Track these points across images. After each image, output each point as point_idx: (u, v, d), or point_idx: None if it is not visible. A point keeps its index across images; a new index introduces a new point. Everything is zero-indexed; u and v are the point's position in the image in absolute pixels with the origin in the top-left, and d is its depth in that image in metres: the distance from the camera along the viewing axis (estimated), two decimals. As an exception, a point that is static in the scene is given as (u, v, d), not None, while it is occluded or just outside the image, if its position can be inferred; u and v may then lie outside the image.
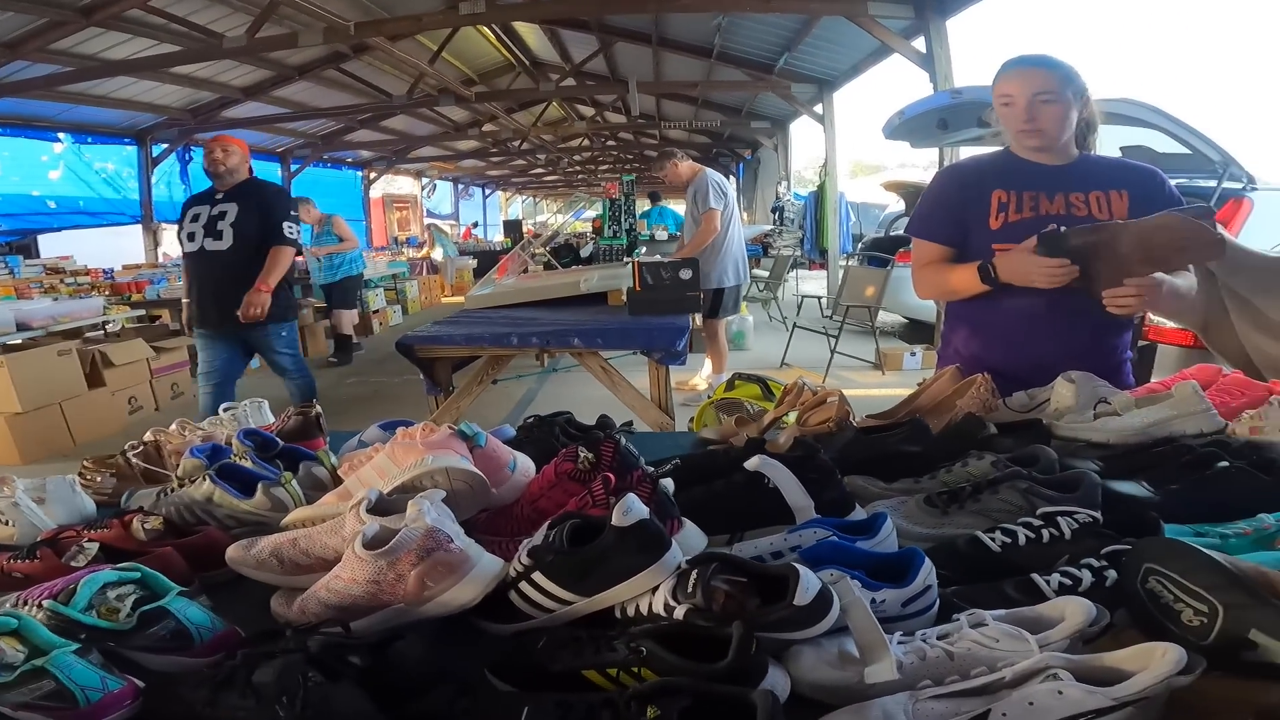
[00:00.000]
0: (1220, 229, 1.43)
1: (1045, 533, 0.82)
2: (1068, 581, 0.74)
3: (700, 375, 5.09)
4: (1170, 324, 2.65)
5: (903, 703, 0.60)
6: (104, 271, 7.14)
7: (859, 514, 0.95)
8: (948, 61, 5.18)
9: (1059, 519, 0.83)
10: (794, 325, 5.94)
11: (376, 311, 8.25)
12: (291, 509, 1.05)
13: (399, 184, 16.53)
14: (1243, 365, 2.57)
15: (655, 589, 0.72)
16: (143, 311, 6.25)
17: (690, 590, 0.68)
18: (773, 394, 2.60)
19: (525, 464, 1.07)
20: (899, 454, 1.13)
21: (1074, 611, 0.63)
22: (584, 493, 0.92)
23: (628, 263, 4.71)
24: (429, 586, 0.76)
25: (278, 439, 1.25)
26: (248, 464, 1.14)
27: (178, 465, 1.35)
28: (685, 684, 0.60)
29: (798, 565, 0.67)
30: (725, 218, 4.56)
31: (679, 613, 0.68)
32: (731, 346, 6.45)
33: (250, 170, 3.51)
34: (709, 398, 3.00)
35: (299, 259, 7.02)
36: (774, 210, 10.80)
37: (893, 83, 7.02)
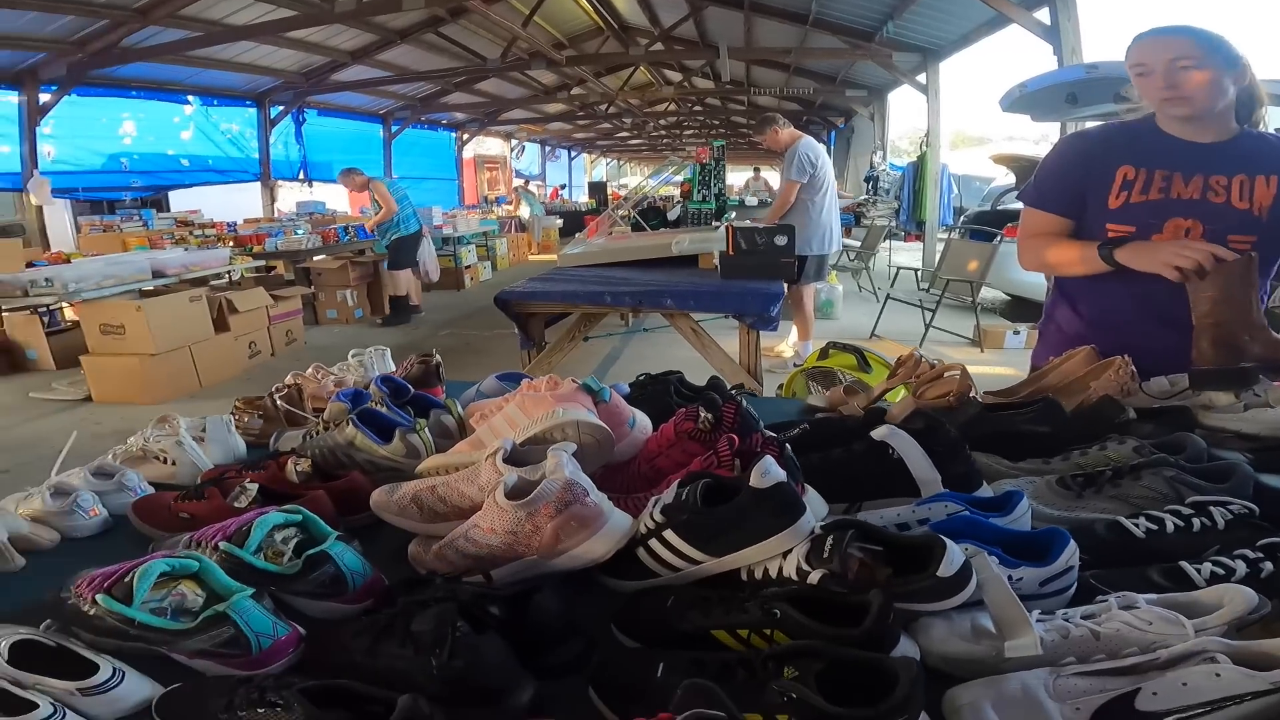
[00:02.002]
0: None
1: (1196, 522, 0.79)
2: (1220, 571, 0.71)
3: (786, 343, 5.04)
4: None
5: (1043, 677, 0.59)
6: (227, 225, 7.67)
7: (985, 491, 0.93)
8: (1076, 34, 4.83)
9: (1211, 509, 0.79)
10: (886, 296, 5.73)
11: (468, 267, 8.54)
12: (424, 456, 1.08)
13: (489, 145, 16.86)
14: None
15: (787, 553, 0.73)
16: (262, 262, 6.68)
17: (826, 556, 0.68)
18: (869, 365, 2.53)
19: (644, 421, 1.09)
20: (1027, 433, 1.09)
21: (1234, 599, 0.61)
22: (707, 453, 0.93)
23: (718, 226, 4.67)
24: (563, 540, 0.76)
25: (409, 386, 1.31)
26: (384, 410, 1.18)
27: (312, 409, 1.45)
28: (822, 647, 0.59)
29: (943, 537, 0.67)
30: (814, 188, 4.53)
31: (813, 578, 0.68)
32: (819, 315, 6.34)
33: None
34: (797, 365, 2.95)
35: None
36: (867, 180, 10.39)
37: (1004, 54, 6.60)
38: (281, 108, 8.82)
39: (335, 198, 9.97)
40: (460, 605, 0.67)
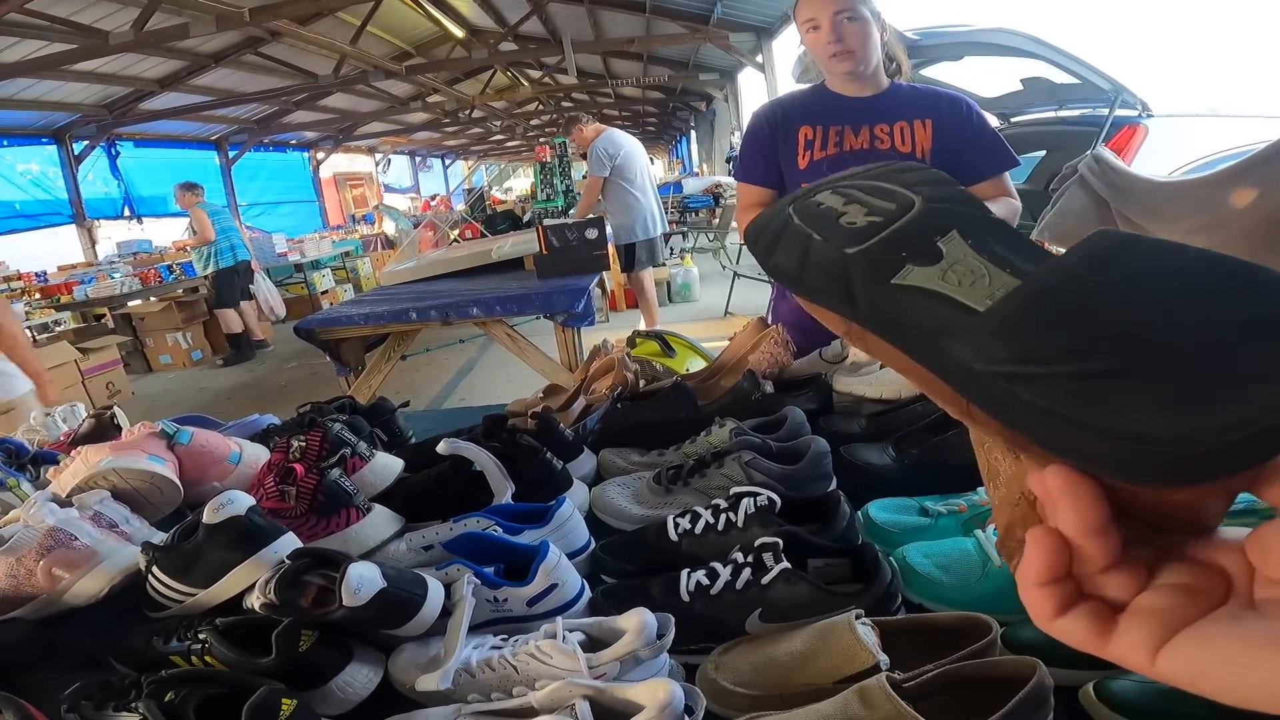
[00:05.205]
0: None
1: (724, 518, 0.75)
2: (706, 581, 0.67)
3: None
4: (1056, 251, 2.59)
5: (448, 715, 0.56)
6: (36, 275, 6.94)
7: (576, 495, 0.89)
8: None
9: (743, 500, 0.76)
10: (734, 274, 5.83)
11: (325, 292, 8.09)
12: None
13: (360, 162, 16.14)
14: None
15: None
16: (65, 314, 6.06)
17: (265, 585, 0.63)
18: (673, 350, 2.55)
19: (254, 455, 1.02)
20: (661, 422, 1.06)
21: (634, 628, 0.57)
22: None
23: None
24: (59, 580, 0.79)
25: (27, 445, 1.20)
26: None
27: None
28: (220, 674, 0.60)
29: (362, 563, 0.62)
30: (625, 177, 4.52)
31: (256, 606, 0.65)
32: (678, 298, 6.46)
33: None
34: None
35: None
36: (728, 160, 10.68)
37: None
38: (86, 142, 8.01)
39: (167, 233, 9.21)
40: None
